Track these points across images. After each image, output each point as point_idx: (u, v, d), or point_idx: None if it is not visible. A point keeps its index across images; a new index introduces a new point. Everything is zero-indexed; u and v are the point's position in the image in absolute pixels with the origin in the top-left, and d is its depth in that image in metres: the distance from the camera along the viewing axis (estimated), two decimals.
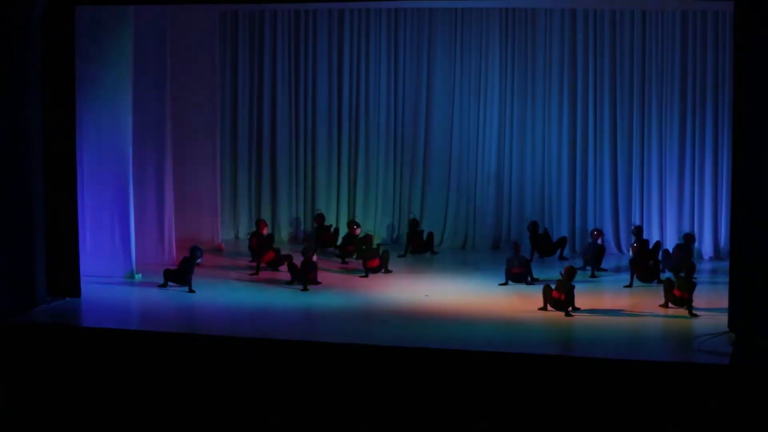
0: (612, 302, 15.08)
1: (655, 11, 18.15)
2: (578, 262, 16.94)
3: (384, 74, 19.31)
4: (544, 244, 17.89)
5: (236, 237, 19.33)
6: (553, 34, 18.70)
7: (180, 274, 15.68)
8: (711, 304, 14.28)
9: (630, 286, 15.84)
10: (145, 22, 16.45)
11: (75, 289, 15.01)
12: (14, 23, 14.13)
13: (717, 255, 18.04)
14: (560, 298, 14.30)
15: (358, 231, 17.81)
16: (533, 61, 18.82)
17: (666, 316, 14.23)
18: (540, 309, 14.44)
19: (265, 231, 17.52)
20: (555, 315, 14.22)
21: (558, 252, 17.94)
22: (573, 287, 14.34)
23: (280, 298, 15.31)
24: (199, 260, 15.89)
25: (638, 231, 17.11)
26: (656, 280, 15.85)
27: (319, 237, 18.56)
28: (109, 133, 15.94)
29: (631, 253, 16.60)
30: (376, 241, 18.00)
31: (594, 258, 16.82)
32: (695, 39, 18.14)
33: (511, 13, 18.81)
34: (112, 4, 15.50)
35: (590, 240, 17.33)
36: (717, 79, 18.07)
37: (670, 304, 14.46)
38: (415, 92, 19.30)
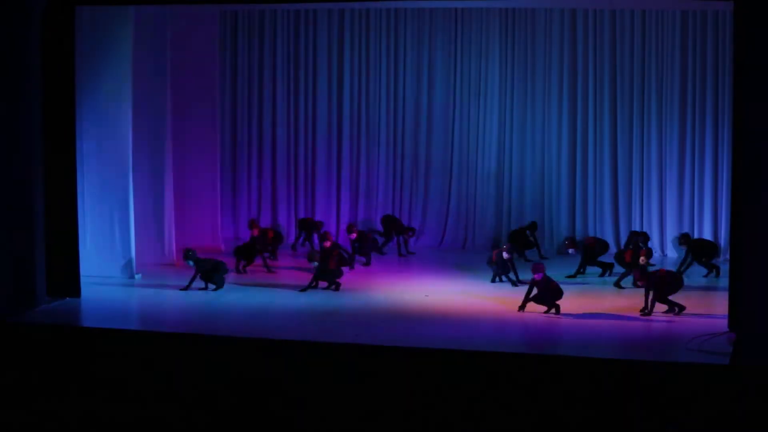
0: (612, 302, 15.07)
1: (655, 11, 18.16)
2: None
3: (384, 74, 19.32)
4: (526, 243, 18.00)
5: (236, 237, 19.32)
6: (553, 34, 18.72)
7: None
8: (710, 305, 14.26)
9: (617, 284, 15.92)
10: (145, 22, 16.46)
11: (75, 289, 15.02)
12: (14, 23, 14.12)
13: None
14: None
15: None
16: (533, 61, 18.84)
17: (666, 316, 14.22)
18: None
19: (257, 232, 17.52)
20: (554, 316, 14.22)
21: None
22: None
23: (280, 298, 15.31)
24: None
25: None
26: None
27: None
28: (109, 134, 15.96)
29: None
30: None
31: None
32: (695, 39, 18.16)
33: (511, 13, 18.83)
34: (112, 5, 15.51)
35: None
36: (717, 79, 18.09)
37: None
38: (415, 92, 19.31)
